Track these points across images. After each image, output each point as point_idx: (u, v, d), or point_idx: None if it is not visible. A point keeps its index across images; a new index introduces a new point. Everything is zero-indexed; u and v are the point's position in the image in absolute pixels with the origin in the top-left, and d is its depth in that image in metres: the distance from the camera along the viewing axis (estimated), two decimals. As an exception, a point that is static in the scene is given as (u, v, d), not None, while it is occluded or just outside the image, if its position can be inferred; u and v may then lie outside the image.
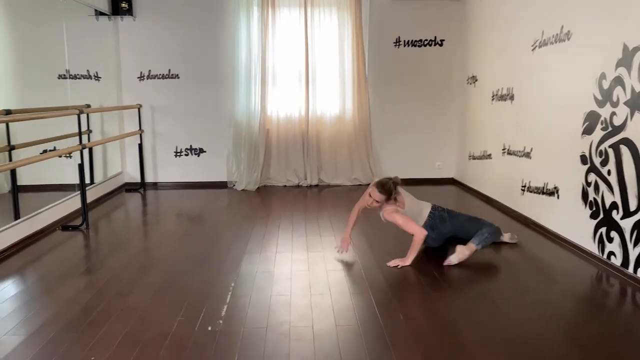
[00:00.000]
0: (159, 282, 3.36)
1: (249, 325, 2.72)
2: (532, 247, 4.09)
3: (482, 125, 5.88)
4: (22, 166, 4.35)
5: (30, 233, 4.33)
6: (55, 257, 3.91)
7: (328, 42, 6.48)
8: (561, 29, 4.10)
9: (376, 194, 3.69)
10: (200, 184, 6.69)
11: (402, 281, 3.36)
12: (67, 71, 5.84)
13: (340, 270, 3.57)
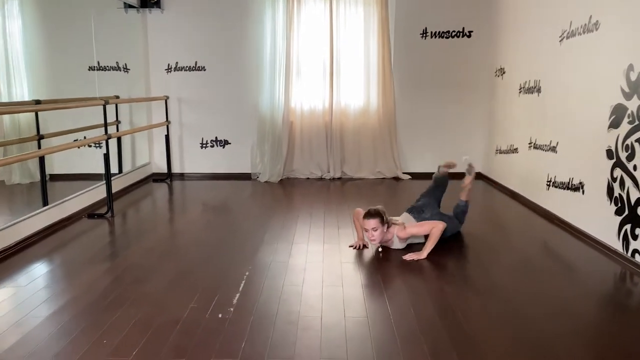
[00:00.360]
0: (176, 269, 3.42)
1: (258, 313, 2.74)
2: (555, 244, 4.00)
3: (509, 119, 5.76)
4: (49, 154, 4.49)
5: (57, 220, 4.46)
6: (79, 244, 4.02)
7: (353, 34, 6.44)
8: (589, 19, 3.97)
9: (370, 223, 3.57)
10: (225, 175, 6.76)
11: (416, 275, 3.33)
12: (97, 63, 5.99)
13: (354, 262, 3.56)
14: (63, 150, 4.43)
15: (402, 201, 5.25)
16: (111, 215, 4.80)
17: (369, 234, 3.61)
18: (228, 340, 2.45)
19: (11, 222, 3.88)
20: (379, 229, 3.57)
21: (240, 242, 4.00)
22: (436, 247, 3.64)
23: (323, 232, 4.27)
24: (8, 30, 5.15)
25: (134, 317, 2.70)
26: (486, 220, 4.71)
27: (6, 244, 3.73)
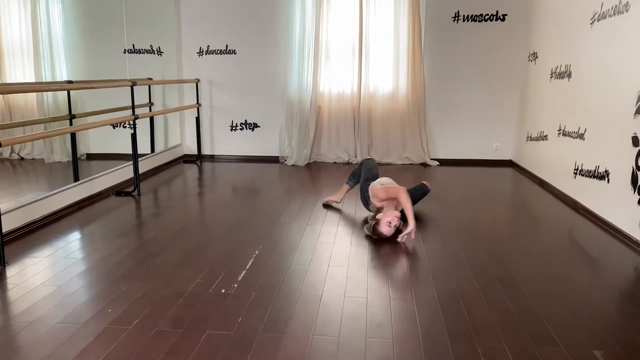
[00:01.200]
0: (190, 245, 3.52)
1: (260, 290, 2.80)
2: (578, 233, 3.88)
3: (540, 105, 5.59)
4: (80, 131, 4.68)
5: (86, 196, 4.65)
6: (103, 219, 4.18)
7: (383, 17, 6.37)
8: (620, 0, 3.80)
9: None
10: (253, 158, 6.86)
11: (423, 259, 3.31)
12: (132, 46, 6.17)
13: (365, 245, 3.57)
14: (87, 129, 4.62)
15: (432, 189, 5.19)
16: (138, 194, 4.96)
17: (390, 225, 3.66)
18: (226, 315, 2.51)
19: (42, 196, 4.08)
20: None
21: (256, 222, 4.07)
22: (455, 234, 3.59)
23: (340, 215, 4.29)
24: (50, 15, 5.36)
25: (141, 289, 2.81)
26: (511, 208, 4.61)
27: (37, 216, 3.93)
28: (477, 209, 4.53)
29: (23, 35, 5.34)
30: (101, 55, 6.00)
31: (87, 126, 4.54)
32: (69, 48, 5.66)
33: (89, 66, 6.00)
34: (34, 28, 5.37)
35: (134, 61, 6.08)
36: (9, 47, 5.38)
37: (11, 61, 5.45)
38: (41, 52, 5.36)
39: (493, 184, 5.55)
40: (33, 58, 5.45)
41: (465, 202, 4.77)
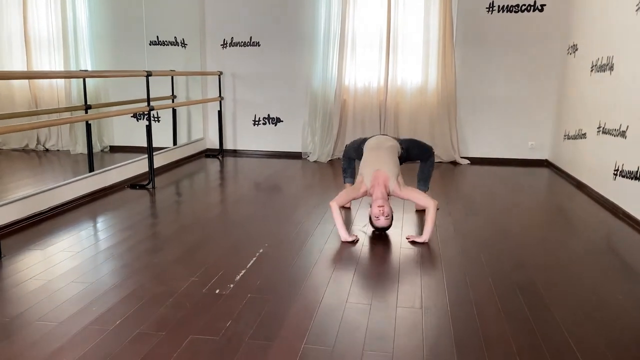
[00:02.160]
0: (193, 241, 3.36)
1: (257, 292, 2.60)
2: (616, 240, 3.53)
3: (579, 101, 5.20)
4: (93, 119, 4.61)
5: (99, 188, 4.57)
6: (110, 213, 4.07)
7: (413, 7, 6.08)
8: (669, -17, 3.42)
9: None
10: (276, 154, 6.69)
11: (438, 264, 3.04)
12: (157, 37, 6.08)
13: (376, 247, 3.33)
14: (98, 118, 4.54)
15: (459, 188, 4.92)
16: (152, 187, 4.85)
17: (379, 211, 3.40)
18: (215, 318, 2.32)
19: (50, 187, 4.00)
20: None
21: (267, 219, 3.88)
22: (478, 237, 3.32)
23: (355, 214, 4.05)
24: (76, 7, 5.30)
25: (132, 286, 2.65)
26: (543, 211, 4.26)
27: (44, 208, 3.85)
28: (506, 210, 4.21)
29: (51, 28, 5.31)
30: (125, 47, 5.91)
31: (89, 117, 4.45)
32: (93, 40, 5.60)
33: (113, 58, 5.93)
34: (64, 20, 5.33)
35: (158, 53, 5.99)
36: (37, 39, 5.35)
37: (38, 53, 5.43)
38: (70, 44, 5.31)
39: (525, 184, 5.20)
40: (62, 50, 5.42)
41: (494, 203, 4.46)
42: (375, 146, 3.73)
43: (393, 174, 3.50)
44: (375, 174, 3.49)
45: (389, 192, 3.48)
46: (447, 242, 3.40)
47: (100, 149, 5.46)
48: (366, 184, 3.51)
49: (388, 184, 3.47)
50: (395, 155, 3.67)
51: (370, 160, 3.60)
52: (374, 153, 3.64)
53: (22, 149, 5.87)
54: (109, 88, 5.45)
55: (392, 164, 3.55)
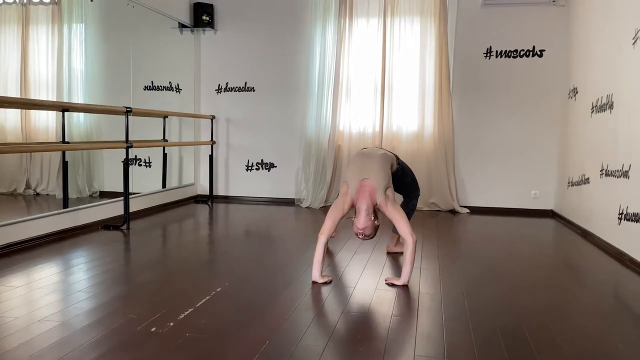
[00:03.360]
0: (146, 280, 3.06)
1: (198, 331, 2.28)
2: (621, 288, 3.15)
3: (581, 145, 4.92)
4: (71, 150, 4.44)
5: (71, 226, 4.37)
6: (73, 251, 3.80)
7: (408, 53, 5.97)
8: (664, 10, 3.22)
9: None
10: (268, 200, 6.44)
11: (413, 312, 2.69)
12: (151, 83, 6.03)
13: (348, 288, 2.99)
14: (73, 150, 4.38)
15: (458, 238, 4.58)
16: (127, 228, 4.60)
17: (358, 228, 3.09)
18: (138, 357, 2.00)
19: (20, 219, 3.81)
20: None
21: (237, 260, 3.58)
22: (470, 284, 2.97)
23: (337, 265, 3.73)
24: (72, 50, 5.26)
25: (60, 321, 2.35)
26: (545, 260, 3.88)
27: (12, 240, 3.63)
28: (501, 257, 3.85)
29: (49, 72, 5.28)
30: (120, 92, 5.83)
31: (72, 147, 4.27)
32: (87, 85, 5.52)
33: (107, 102, 5.88)
34: (59, 66, 5.29)
35: (152, 98, 5.91)
36: (36, 82, 5.31)
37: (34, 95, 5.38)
38: (64, 89, 5.24)
39: (527, 233, 4.84)
40: (56, 94, 5.36)
41: (489, 249, 4.10)
42: (365, 153, 3.33)
43: (381, 184, 3.07)
44: (361, 183, 3.09)
45: (376, 205, 3.10)
46: (429, 285, 3.06)
47: (89, 194, 5.29)
48: (351, 194, 3.10)
49: (375, 195, 3.08)
50: (387, 166, 3.23)
51: (357, 167, 3.18)
52: (363, 160, 3.23)
53: (10, 193, 5.71)
54: (102, 128, 5.33)
55: (381, 174, 3.12)
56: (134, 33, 5.55)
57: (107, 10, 5.34)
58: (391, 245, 3.91)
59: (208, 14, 6.29)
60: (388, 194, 3.10)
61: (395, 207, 3.11)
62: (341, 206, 3.13)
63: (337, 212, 3.13)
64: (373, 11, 6.03)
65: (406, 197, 3.84)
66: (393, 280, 3.06)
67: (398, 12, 5.96)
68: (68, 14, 5.16)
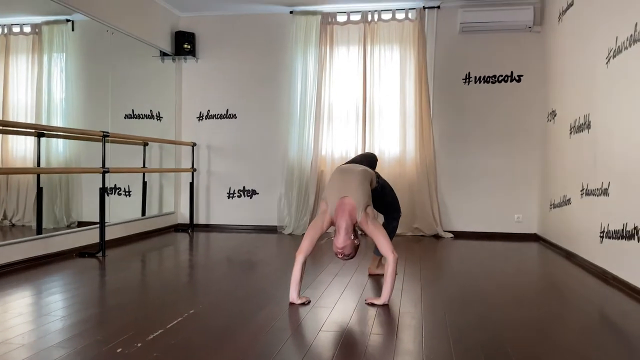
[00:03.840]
0: (115, 303, 2.95)
1: (166, 352, 2.18)
2: (608, 308, 3.09)
3: (561, 167, 4.94)
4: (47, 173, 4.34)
5: (45, 253, 4.25)
6: (44, 277, 3.67)
7: (388, 79, 6.01)
8: (635, 27, 3.28)
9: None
10: (250, 228, 6.35)
11: (391, 333, 2.61)
12: (132, 111, 5.99)
13: (325, 309, 2.90)
14: (46, 173, 4.29)
15: (441, 261, 4.52)
16: (102, 255, 4.48)
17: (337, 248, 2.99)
18: (100, 377, 1.90)
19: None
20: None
21: (210, 286, 3.47)
22: (450, 304, 2.90)
23: (317, 287, 3.64)
24: (52, 79, 5.20)
25: (30, 339, 2.23)
26: (527, 278, 3.84)
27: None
28: (484, 277, 3.79)
29: (28, 101, 5.22)
30: (99, 120, 5.77)
31: (44, 170, 4.18)
32: (68, 113, 5.46)
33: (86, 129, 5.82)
34: (38, 95, 5.23)
35: (133, 126, 5.85)
36: (15, 111, 5.24)
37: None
38: (43, 117, 5.17)
39: (509, 255, 4.79)
40: (35, 122, 5.29)
41: (476, 274, 4.03)
42: (344, 169, 3.27)
43: (361, 202, 3.00)
44: (341, 201, 3.01)
45: (356, 223, 3.02)
46: (410, 304, 2.98)
47: (66, 224, 5.16)
48: (330, 212, 3.02)
49: (355, 213, 2.99)
50: (366, 183, 3.16)
51: (336, 185, 3.11)
52: (342, 176, 3.16)
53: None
54: (81, 157, 5.24)
55: (361, 192, 3.04)
56: (115, 61, 5.54)
57: (89, 39, 5.33)
58: (372, 267, 3.83)
59: (189, 42, 6.32)
60: (368, 211, 3.04)
61: (376, 224, 3.05)
62: (320, 225, 3.06)
63: (315, 230, 3.06)
64: (353, 40, 6.10)
65: (387, 217, 3.79)
66: (373, 300, 2.99)
67: (378, 40, 6.03)
68: (49, 44, 5.13)
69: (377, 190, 3.38)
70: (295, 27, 6.14)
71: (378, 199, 3.46)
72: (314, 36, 6.10)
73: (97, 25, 5.19)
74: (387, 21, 6.00)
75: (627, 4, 3.41)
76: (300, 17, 6.13)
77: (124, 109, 5.81)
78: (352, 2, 5.98)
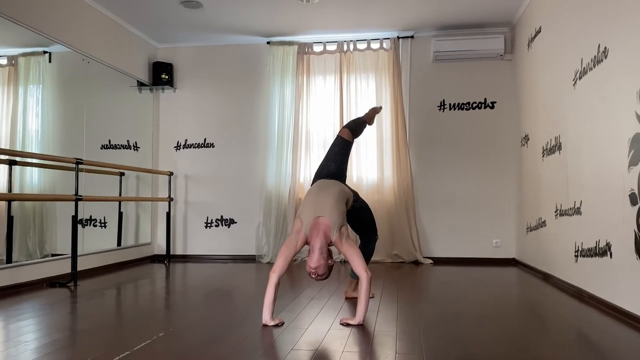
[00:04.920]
0: (87, 326, 2.86)
1: (130, 372, 2.10)
2: (585, 325, 3.06)
3: (535, 190, 4.99)
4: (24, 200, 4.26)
5: (13, 283, 4.12)
6: (18, 304, 3.56)
7: (365, 107, 6.06)
8: (598, 49, 3.38)
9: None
10: (228, 257, 6.27)
11: (360, 337, 2.56)
12: (109, 141, 5.94)
13: (298, 330, 2.85)
14: (15, 200, 4.23)
15: (419, 285, 4.48)
16: (74, 285, 4.37)
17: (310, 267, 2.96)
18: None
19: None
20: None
21: (182, 311, 3.39)
22: (429, 324, 2.86)
23: (292, 309, 3.57)
24: (27, 110, 5.15)
25: (-22, 369, 2.14)
26: (508, 305, 3.81)
27: None
28: (464, 301, 3.76)
29: (3, 132, 5.15)
30: (75, 151, 5.73)
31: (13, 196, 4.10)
32: (43, 144, 5.39)
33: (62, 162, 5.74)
34: (13, 126, 5.18)
35: (109, 156, 5.79)
36: None
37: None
38: (17, 148, 5.09)
39: (489, 280, 4.77)
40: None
41: (453, 296, 4.00)
42: (322, 187, 3.24)
43: (336, 223, 3.00)
44: (316, 220, 2.99)
45: (330, 243, 2.99)
46: (385, 324, 2.93)
47: (40, 257, 5.03)
48: (305, 231, 3.00)
49: (329, 233, 2.97)
50: (342, 203, 3.15)
51: (311, 204, 3.09)
52: (318, 194, 3.15)
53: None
54: (56, 189, 5.15)
55: (336, 212, 3.03)
56: (91, 92, 5.53)
57: (66, 71, 5.32)
58: (349, 290, 3.79)
59: (167, 72, 6.35)
60: (342, 231, 3.03)
61: (350, 243, 3.03)
62: (294, 243, 3.03)
63: (289, 249, 3.02)
64: (330, 69, 6.20)
65: (363, 239, 3.76)
66: (348, 320, 2.94)
67: (354, 69, 6.13)
68: (25, 75, 5.11)
69: (354, 210, 3.38)
70: (273, 57, 6.23)
71: (355, 218, 3.45)
72: (291, 66, 6.19)
73: (74, 57, 5.20)
74: (362, 51, 6.12)
75: (590, 27, 3.53)
76: (277, 48, 6.23)
77: (101, 139, 5.77)
78: (328, 33, 6.10)
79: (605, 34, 3.28)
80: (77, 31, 5.07)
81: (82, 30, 5.15)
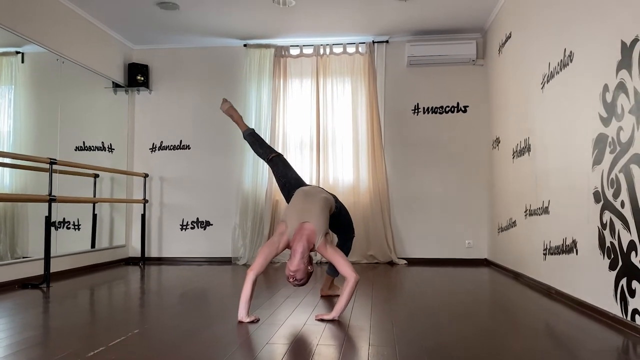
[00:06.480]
0: (60, 324, 2.85)
1: (105, 366, 2.11)
2: (553, 321, 3.15)
3: (506, 191, 5.12)
4: None
5: (-19, 286, 4.05)
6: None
7: (341, 110, 6.17)
8: (564, 52, 3.51)
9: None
10: (204, 260, 6.25)
11: (334, 332, 2.61)
12: (83, 143, 5.89)
13: (273, 326, 2.88)
14: None
15: (393, 284, 4.54)
16: (47, 286, 4.32)
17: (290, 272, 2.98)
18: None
19: None
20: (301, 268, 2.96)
21: (157, 310, 3.39)
22: (403, 318, 2.92)
23: (268, 307, 3.60)
24: (0, 111, 5.07)
25: (-51, 365, 2.12)
26: (478, 301, 3.89)
27: None
28: (436, 298, 3.84)
29: None
30: (49, 153, 5.66)
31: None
32: (16, 146, 5.31)
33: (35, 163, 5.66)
34: None
35: (84, 158, 5.73)
36: None
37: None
38: None
39: (461, 279, 4.86)
40: None
41: (426, 293, 4.08)
42: (308, 193, 3.29)
43: (321, 229, 3.04)
44: (302, 225, 3.03)
45: (313, 248, 3.02)
46: (359, 319, 2.98)
47: (11, 260, 4.95)
48: (289, 235, 3.02)
49: (314, 239, 3.01)
50: (327, 210, 3.21)
51: (298, 208, 3.13)
52: (305, 200, 3.18)
53: None
54: (28, 186, 5.08)
55: (322, 219, 3.08)
56: (65, 93, 5.48)
57: (39, 71, 5.27)
58: (325, 288, 3.83)
59: (143, 74, 6.33)
60: (327, 238, 3.10)
61: (335, 249, 3.11)
62: (276, 245, 3.05)
63: (270, 249, 3.04)
64: (306, 72, 6.26)
65: (341, 237, 3.82)
66: (323, 316, 2.98)
67: (330, 72, 6.21)
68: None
69: (335, 214, 3.44)
70: (249, 60, 6.27)
71: (337, 221, 3.52)
72: (268, 69, 6.23)
73: (48, 57, 5.15)
74: (338, 55, 6.19)
75: (557, 32, 3.65)
76: (254, 50, 6.27)
77: (75, 140, 5.71)
78: (305, 36, 6.16)
79: (570, 38, 3.41)
80: (51, 31, 5.03)
81: (56, 30, 5.11)
